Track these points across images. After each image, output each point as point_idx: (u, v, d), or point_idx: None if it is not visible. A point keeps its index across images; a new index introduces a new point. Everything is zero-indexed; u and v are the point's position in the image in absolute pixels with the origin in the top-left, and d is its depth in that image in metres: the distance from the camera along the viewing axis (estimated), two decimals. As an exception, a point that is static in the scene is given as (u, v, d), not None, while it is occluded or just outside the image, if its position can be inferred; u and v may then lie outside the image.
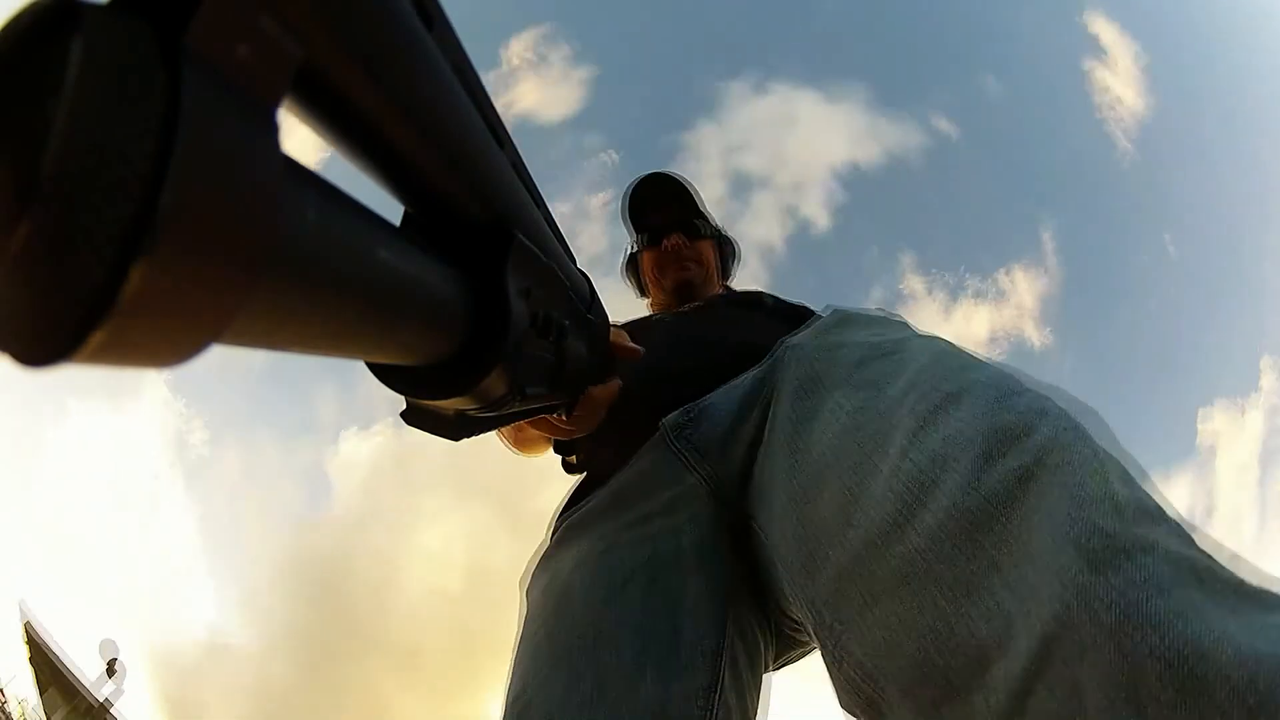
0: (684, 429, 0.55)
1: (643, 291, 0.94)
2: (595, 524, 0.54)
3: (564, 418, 0.53)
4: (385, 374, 0.26)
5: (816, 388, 0.47)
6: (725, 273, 0.94)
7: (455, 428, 0.31)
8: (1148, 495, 0.28)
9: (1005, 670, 0.26)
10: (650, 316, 0.85)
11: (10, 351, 0.10)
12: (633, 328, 0.81)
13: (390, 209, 0.22)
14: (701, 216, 0.90)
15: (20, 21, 0.10)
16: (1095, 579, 0.25)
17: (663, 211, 0.88)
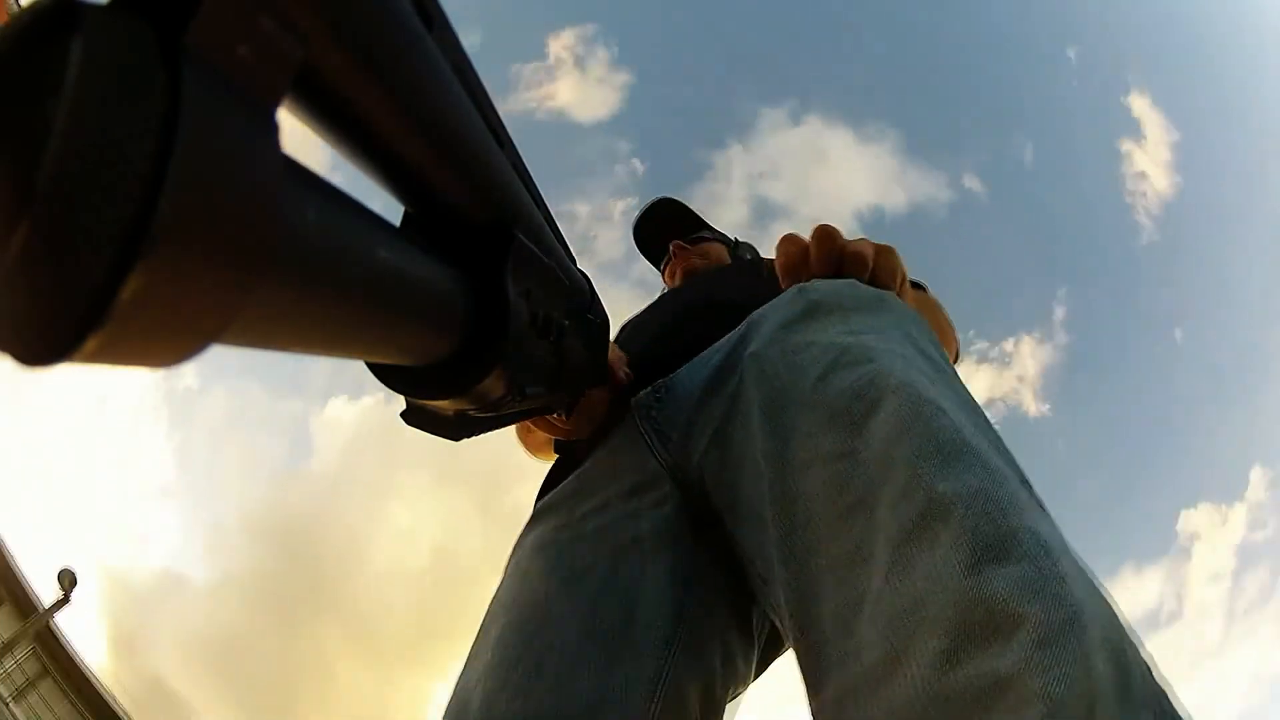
0: (650, 409, 0.53)
1: None
2: (562, 506, 0.53)
3: (564, 418, 0.53)
4: (385, 374, 0.26)
5: (784, 407, 0.43)
6: None
7: (455, 428, 0.31)
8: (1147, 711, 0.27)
9: None
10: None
11: (10, 351, 0.10)
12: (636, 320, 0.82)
13: (390, 209, 0.22)
14: (704, 227, 0.92)
15: (20, 21, 0.10)
16: None
17: (665, 232, 0.92)
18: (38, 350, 0.10)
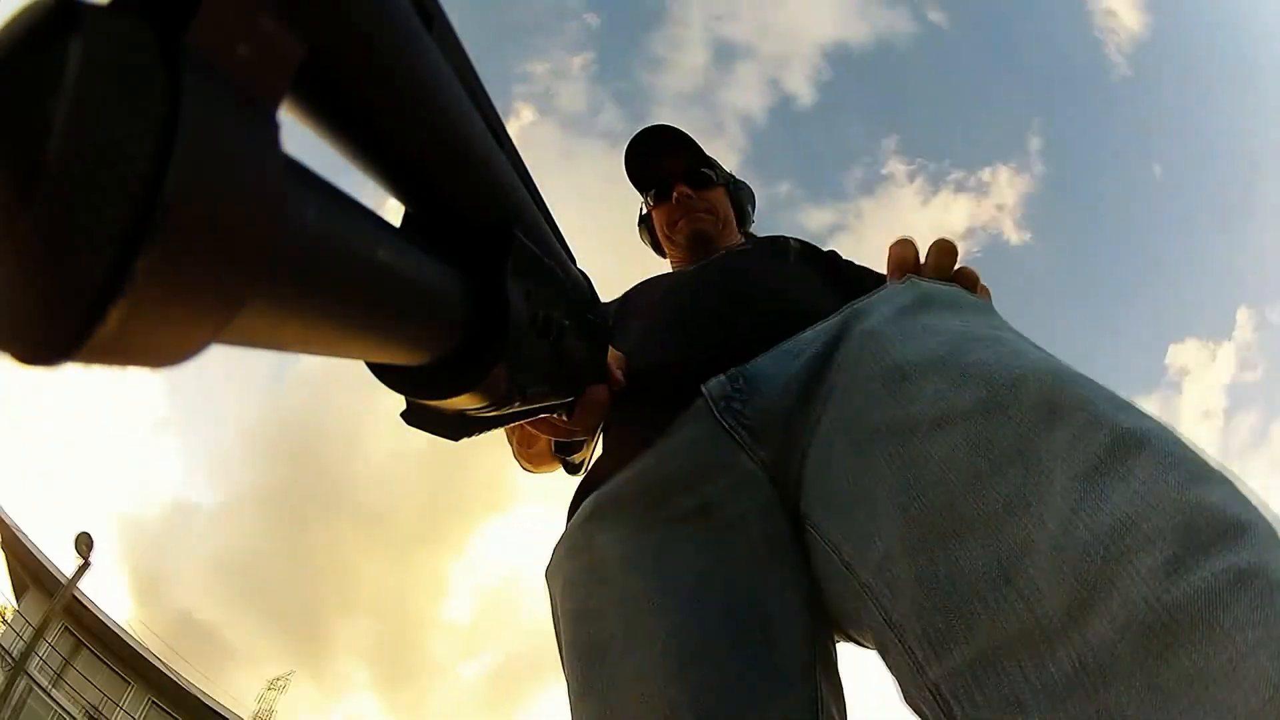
0: (731, 401, 0.48)
1: (659, 251, 0.89)
2: (636, 505, 0.48)
3: (565, 417, 0.52)
4: (386, 374, 0.26)
5: (907, 375, 0.40)
6: (743, 220, 0.86)
7: (456, 427, 0.31)
8: None
9: None
10: (664, 275, 0.80)
11: (11, 351, 0.10)
12: (646, 286, 0.76)
13: (390, 209, 0.22)
14: (709, 164, 0.82)
15: (20, 21, 0.10)
16: None
17: (665, 159, 0.82)
18: (39, 350, 0.10)
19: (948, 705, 0.32)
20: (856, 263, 0.75)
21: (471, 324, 0.25)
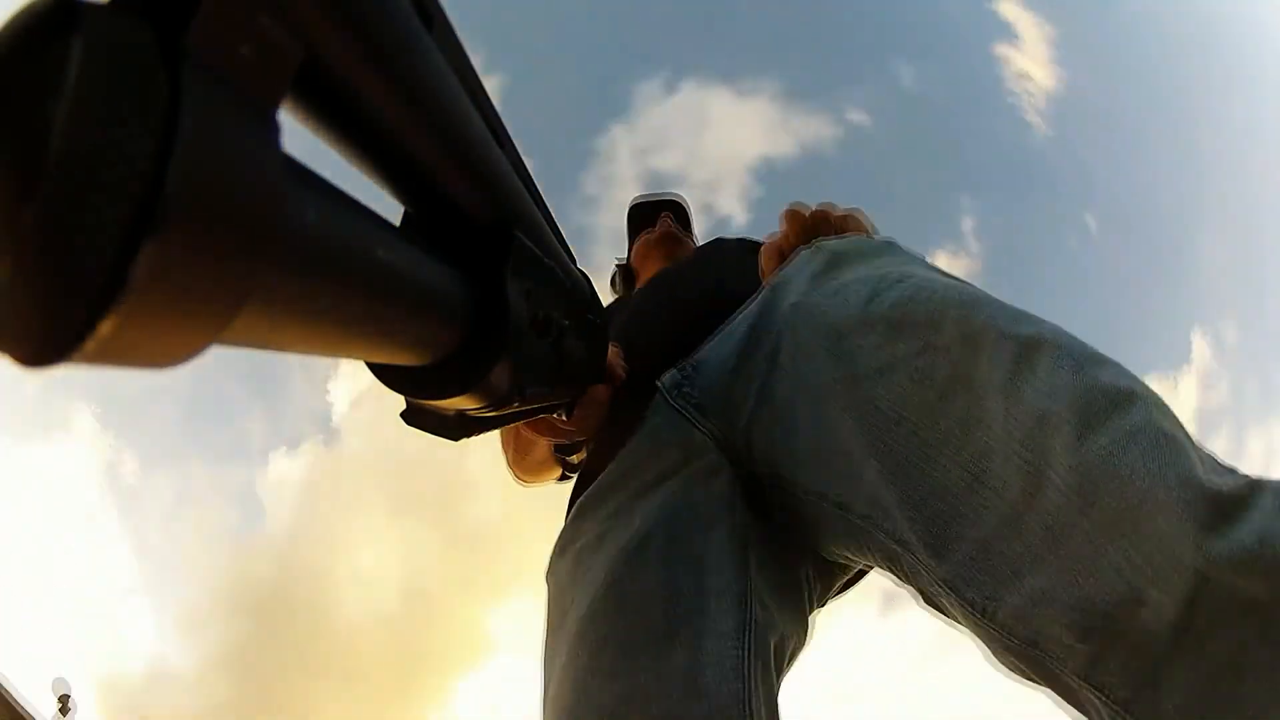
0: (681, 386, 0.54)
1: (629, 286, 0.99)
2: (609, 495, 0.53)
3: (564, 418, 0.52)
4: (386, 374, 0.26)
5: (841, 334, 0.45)
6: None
7: (455, 428, 0.31)
8: (1215, 460, 0.34)
9: (1162, 612, 0.30)
10: (627, 298, 0.88)
11: (11, 351, 0.10)
12: (611, 309, 0.82)
13: (390, 209, 0.22)
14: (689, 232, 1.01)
15: (20, 21, 0.10)
16: (1216, 540, 0.30)
17: (659, 205, 1.00)
18: (40, 350, 0.10)
19: (962, 592, 0.37)
20: None
21: (471, 324, 0.25)
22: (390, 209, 0.22)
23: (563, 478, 0.73)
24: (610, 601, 0.46)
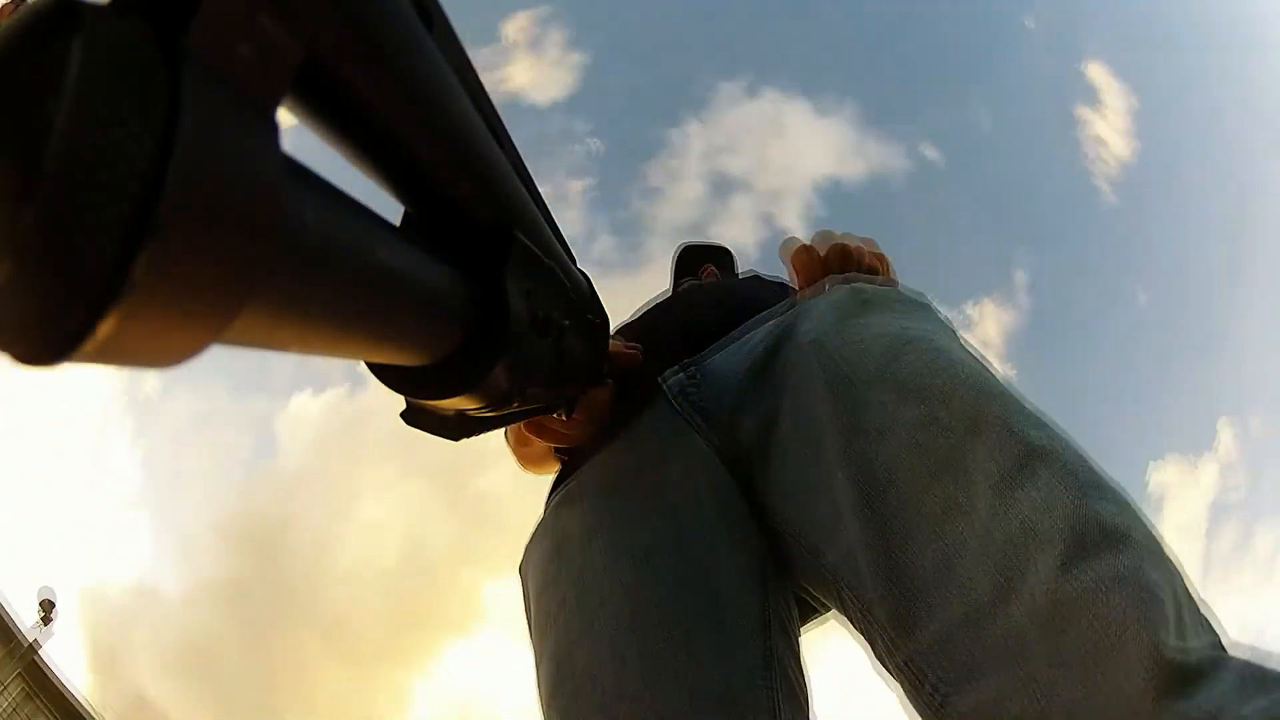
0: (686, 389, 0.53)
1: None
2: (597, 488, 0.52)
3: (564, 418, 0.52)
4: (385, 374, 0.26)
5: (852, 384, 0.45)
6: None
7: (456, 428, 0.31)
8: (1204, 619, 0.34)
9: None
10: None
11: (12, 352, 0.10)
12: (626, 326, 0.83)
13: (390, 209, 0.22)
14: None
15: (20, 21, 0.10)
16: (1171, 703, 0.30)
17: (707, 254, 1.01)
18: (40, 349, 0.10)
19: (921, 674, 0.37)
20: None
21: (472, 324, 0.25)
22: (390, 209, 0.22)
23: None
24: (628, 612, 0.44)
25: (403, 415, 0.30)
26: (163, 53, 0.11)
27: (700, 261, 0.99)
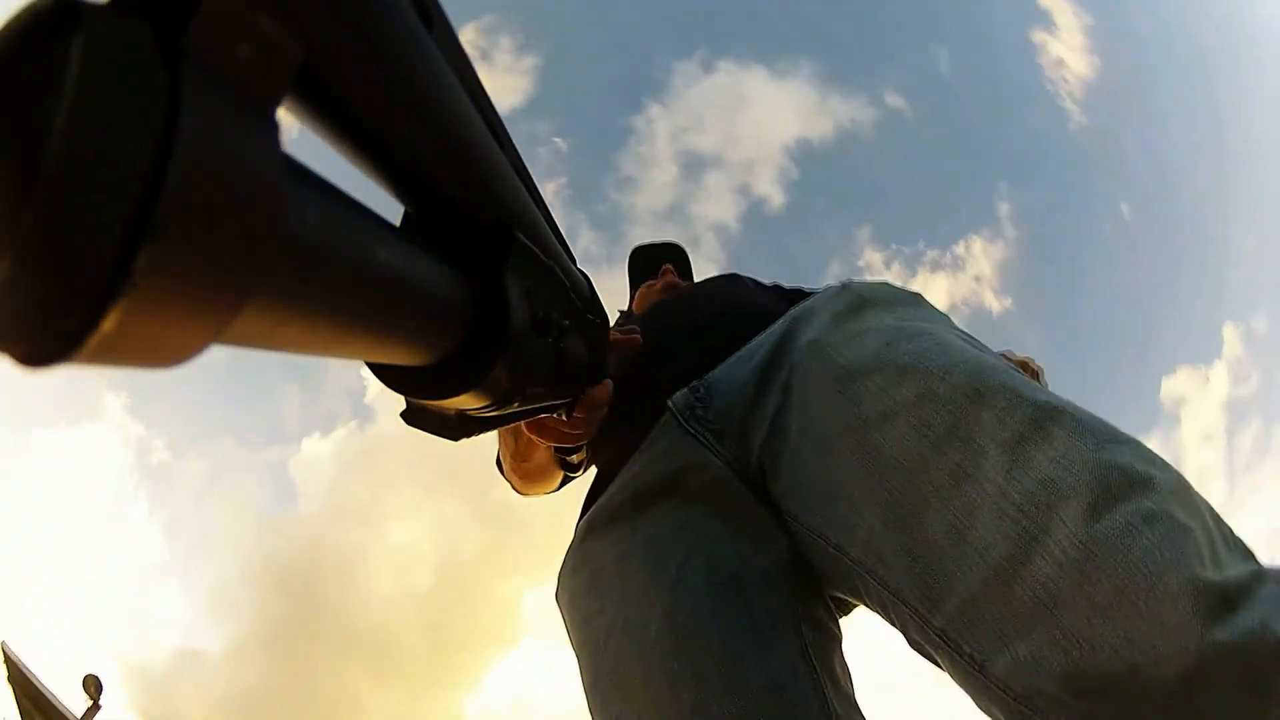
0: (694, 409, 0.53)
1: None
2: (622, 514, 0.53)
3: (564, 418, 0.52)
4: (386, 374, 0.26)
5: (853, 377, 0.45)
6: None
7: (456, 428, 0.31)
8: (1238, 542, 0.34)
9: (1159, 681, 0.30)
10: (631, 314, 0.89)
11: (12, 352, 0.10)
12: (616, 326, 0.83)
13: (390, 209, 0.22)
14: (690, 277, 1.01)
15: (20, 21, 0.10)
16: (1217, 628, 0.30)
17: (658, 264, 1.02)
18: (39, 350, 0.10)
19: (957, 645, 0.37)
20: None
21: (472, 324, 0.25)
22: (390, 209, 0.22)
23: (563, 483, 0.73)
24: (671, 634, 0.45)
25: (403, 415, 0.30)
26: (163, 53, 0.11)
27: (657, 262, 1.00)
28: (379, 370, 0.26)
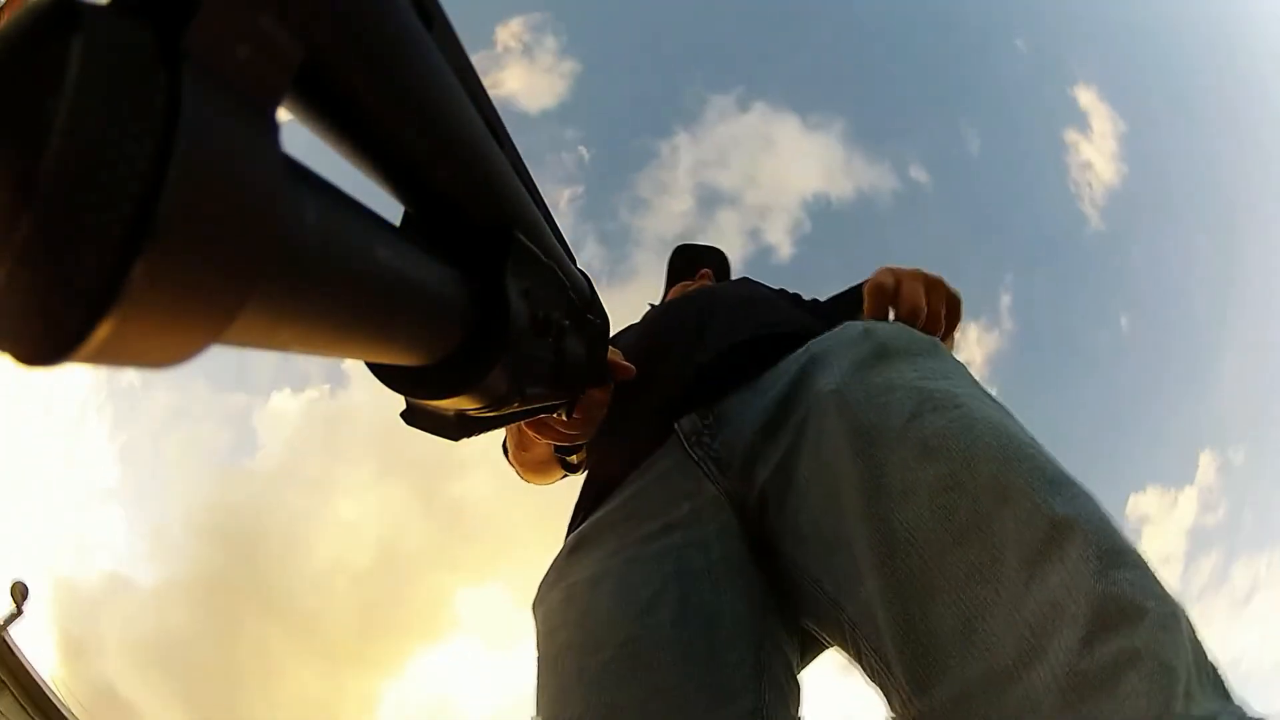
0: (701, 435, 0.53)
1: None
2: (610, 534, 0.53)
3: (564, 418, 0.52)
4: (386, 374, 0.26)
5: (874, 441, 0.45)
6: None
7: (455, 428, 0.31)
8: (1215, 680, 0.36)
9: None
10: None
11: (12, 352, 0.10)
12: (625, 331, 0.82)
13: (390, 209, 0.22)
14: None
15: (20, 21, 0.10)
16: None
17: (704, 256, 1.04)
18: (39, 349, 0.10)
19: None
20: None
21: (472, 324, 0.25)
22: (390, 209, 0.22)
23: (563, 476, 0.73)
24: (624, 660, 0.45)
25: (403, 415, 0.30)
26: (162, 53, 0.11)
27: (696, 263, 1.00)
28: (379, 370, 0.26)
